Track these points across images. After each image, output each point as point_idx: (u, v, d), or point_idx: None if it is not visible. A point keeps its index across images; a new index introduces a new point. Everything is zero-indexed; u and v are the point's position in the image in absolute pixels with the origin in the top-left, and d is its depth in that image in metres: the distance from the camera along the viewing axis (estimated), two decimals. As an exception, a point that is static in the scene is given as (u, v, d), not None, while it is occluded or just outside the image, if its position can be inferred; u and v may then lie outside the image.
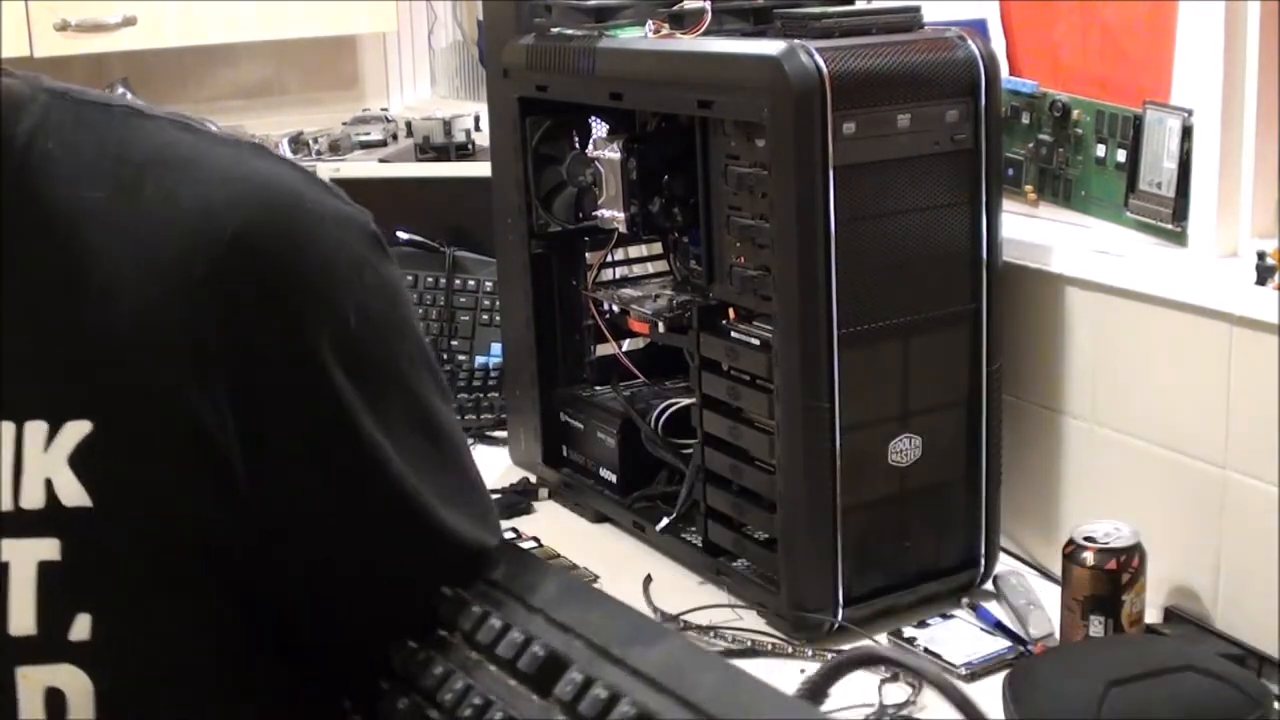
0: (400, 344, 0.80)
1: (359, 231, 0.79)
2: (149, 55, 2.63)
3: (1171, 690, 1.19)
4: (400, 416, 0.78)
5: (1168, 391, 1.43)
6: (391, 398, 0.78)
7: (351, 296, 0.76)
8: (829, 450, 1.40)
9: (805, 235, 1.36)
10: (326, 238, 0.76)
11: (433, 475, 0.79)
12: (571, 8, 1.69)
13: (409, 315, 0.82)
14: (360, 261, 0.78)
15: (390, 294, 0.80)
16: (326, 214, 0.77)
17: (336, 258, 0.76)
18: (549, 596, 0.71)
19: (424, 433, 0.80)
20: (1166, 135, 1.43)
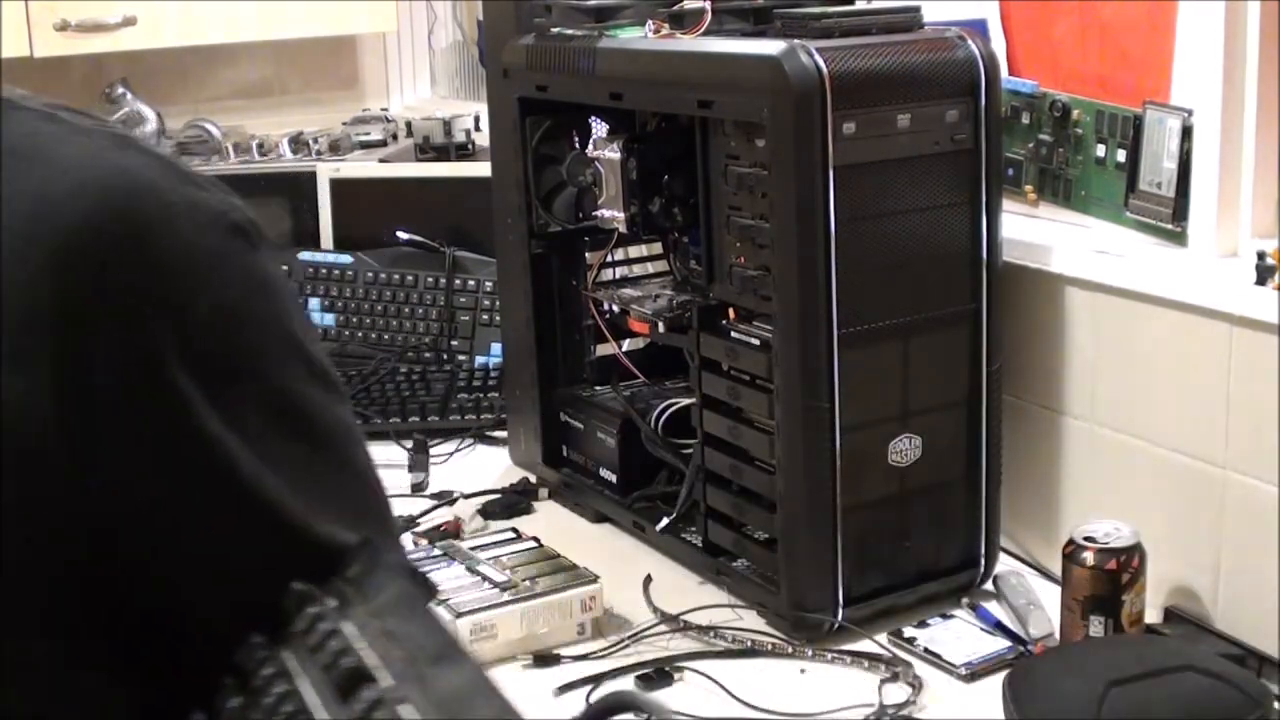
0: (263, 339, 0.77)
1: (217, 222, 0.76)
2: (149, 55, 2.63)
3: (1171, 690, 1.19)
4: (259, 413, 0.76)
5: (1168, 391, 1.43)
6: (248, 394, 0.76)
7: (201, 290, 0.74)
8: (829, 450, 1.40)
9: (805, 235, 1.36)
10: (174, 229, 0.74)
11: (295, 472, 0.77)
12: (571, 8, 1.69)
13: (279, 309, 0.79)
14: (214, 253, 0.75)
15: (253, 287, 0.77)
16: (178, 205, 0.75)
17: (184, 250, 0.74)
18: (386, 601, 0.71)
19: (290, 429, 0.78)
20: (1166, 135, 1.43)
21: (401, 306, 2.37)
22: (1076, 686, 1.20)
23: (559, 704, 1.37)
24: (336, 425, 0.81)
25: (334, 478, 0.80)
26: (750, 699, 1.35)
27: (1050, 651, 1.38)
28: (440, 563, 1.54)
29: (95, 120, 0.79)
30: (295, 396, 0.78)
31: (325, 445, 0.80)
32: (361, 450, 0.83)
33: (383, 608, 0.70)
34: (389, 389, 2.18)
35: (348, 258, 2.42)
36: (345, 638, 0.68)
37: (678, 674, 1.40)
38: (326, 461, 0.80)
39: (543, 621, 1.45)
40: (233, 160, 2.63)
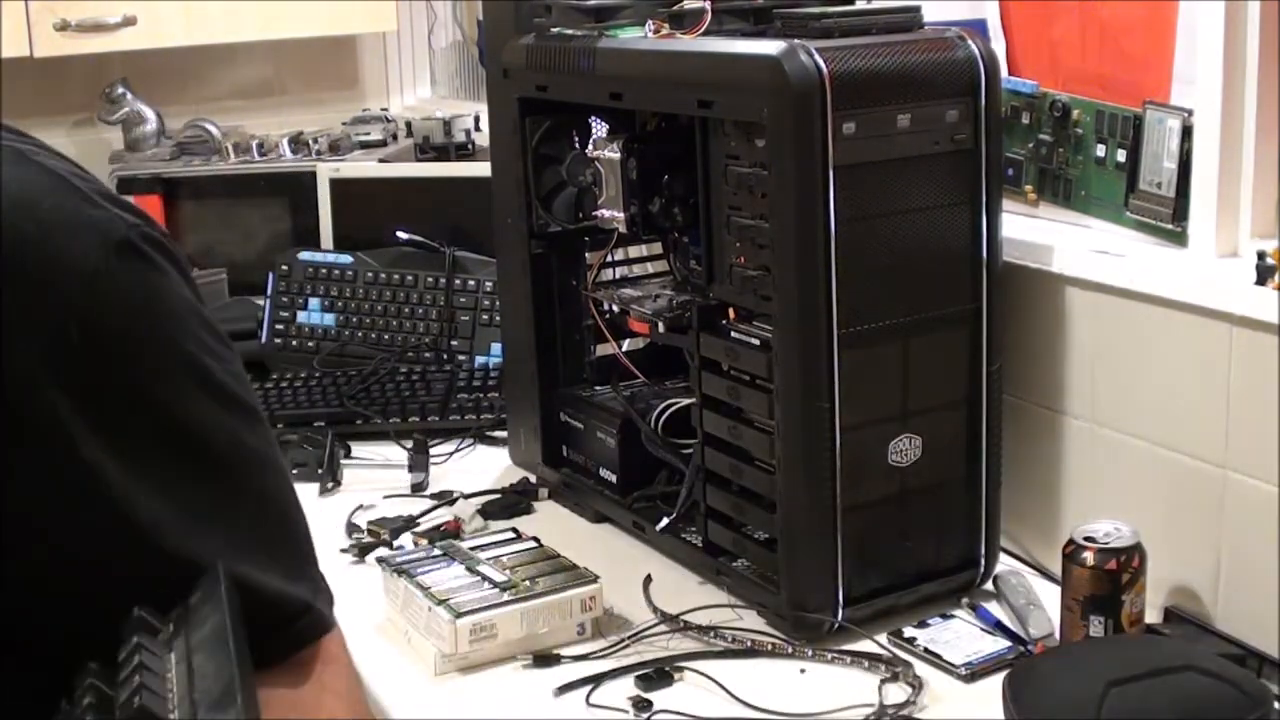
0: (144, 359, 0.76)
1: (99, 240, 0.74)
2: (149, 55, 2.63)
3: (1171, 690, 1.19)
4: (141, 435, 0.75)
5: (1168, 391, 1.43)
6: (129, 417, 0.74)
7: (74, 311, 0.72)
8: (829, 450, 1.40)
9: (805, 235, 1.36)
10: (50, 247, 0.72)
11: (176, 494, 0.76)
12: (571, 8, 1.69)
13: (173, 330, 0.77)
14: (92, 272, 0.73)
15: (134, 306, 0.75)
16: (60, 222, 0.74)
17: (59, 268, 0.72)
18: (203, 635, 0.70)
19: (177, 452, 0.76)
20: (1166, 135, 1.43)
21: (401, 306, 2.37)
22: (1076, 686, 1.20)
23: (559, 704, 1.37)
24: (235, 448, 0.80)
25: (223, 501, 0.79)
26: (750, 699, 1.35)
27: (1050, 651, 1.38)
28: (440, 563, 1.54)
29: (10, 134, 0.78)
30: (185, 420, 0.77)
31: (218, 468, 0.79)
32: (267, 473, 0.82)
33: (200, 641, 0.69)
34: (389, 389, 2.18)
35: (348, 258, 2.42)
36: (151, 673, 0.66)
37: (678, 674, 1.40)
38: (216, 484, 0.78)
39: (543, 621, 1.45)
40: (233, 160, 2.63)
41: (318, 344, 2.37)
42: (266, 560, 0.81)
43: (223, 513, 0.78)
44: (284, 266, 2.41)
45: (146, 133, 2.76)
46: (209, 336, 0.80)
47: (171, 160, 2.66)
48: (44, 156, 0.78)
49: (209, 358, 0.79)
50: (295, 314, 2.40)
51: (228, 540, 0.78)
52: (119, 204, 0.78)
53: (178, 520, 0.75)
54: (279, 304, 2.40)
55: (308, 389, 2.17)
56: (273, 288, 2.40)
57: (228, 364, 0.81)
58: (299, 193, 2.51)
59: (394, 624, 1.52)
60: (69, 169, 0.78)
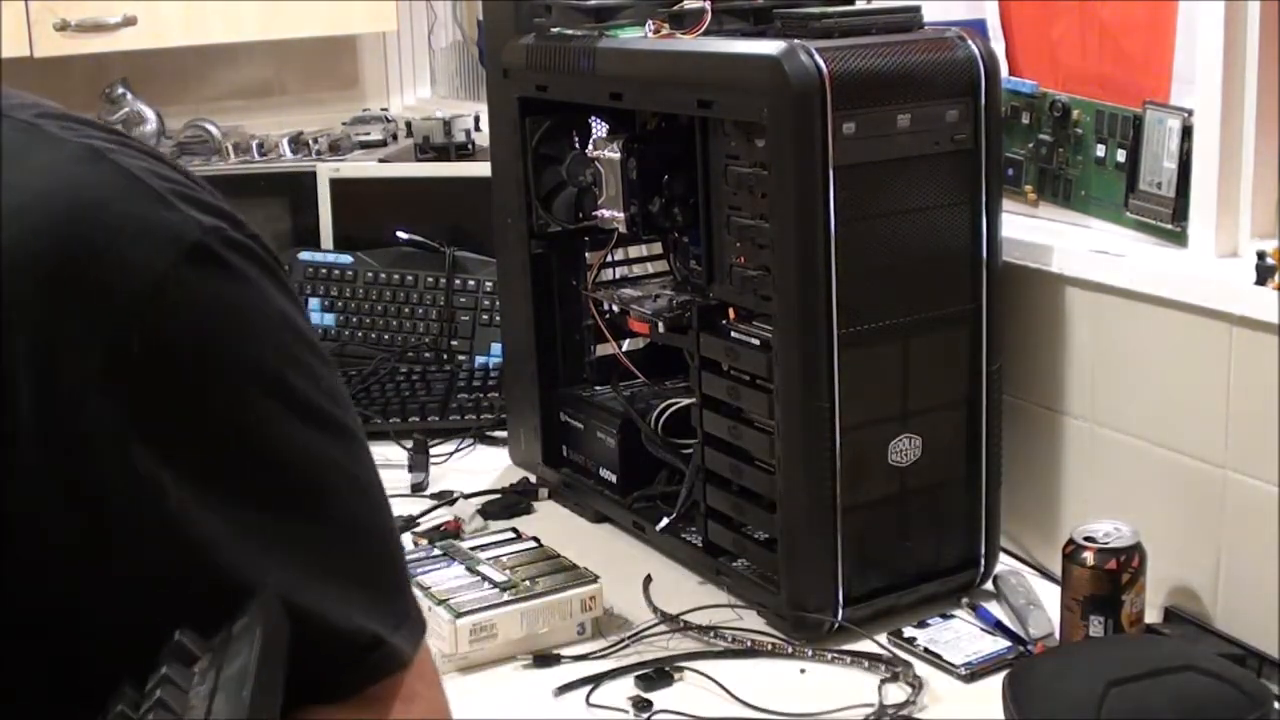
0: (212, 371, 0.71)
1: (169, 245, 0.70)
2: (149, 55, 2.63)
3: (1171, 690, 1.19)
4: (198, 445, 0.71)
5: (1168, 391, 1.43)
6: (188, 426, 0.70)
7: (135, 319, 0.68)
8: (829, 450, 1.40)
9: (805, 235, 1.36)
10: (114, 253, 0.68)
11: (238, 511, 0.72)
12: (571, 8, 1.69)
13: (240, 338, 0.72)
14: (158, 280, 0.69)
15: (205, 315, 0.70)
16: (127, 226, 0.69)
17: (120, 276, 0.68)
18: (231, 672, 0.66)
19: (240, 465, 0.72)
20: (1166, 135, 1.43)
21: (401, 306, 2.37)
22: (1076, 686, 1.20)
23: (559, 704, 1.37)
24: (316, 469, 0.75)
25: (293, 524, 0.74)
26: (750, 699, 1.35)
27: (1050, 651, 1.38)
28: (440, 563, 1.54)
29: (81, 129, 0.74)
30: (257, 436, 0.73)
31: (291, 488, 0.74)
32: (351, 497, 0.77)
33: (226, 679, 0.65)
34: (389, 389, 2.18)
35: (348, 258, 2.42)
36: (166, 711, 0.63)
37: (678, 674, 1.40)
38: (287, 505, 0.74)
39: (543, 621, 1.45)
40: (233, 160, 2.63)
41: (318, 344, 2.37)
42: (337, 590, 0.75)
43: (291, 536, 0.74)
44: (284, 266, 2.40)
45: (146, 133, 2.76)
46: (301, 349, 0.75)
47: (171, 160, 2.66)
48: (122, 154, 0.73)
49: (295, 371, 0.74)
50: (295, 314, 2.39)
51: (292, 565, 0.73)
52: (200, 204, 0.73)
53: (236, 539, 0.71)
54: (279, 304, 2.39)
55: (308, 389, 2.17)
56: (273, 288, 2.40)
57: (319, 379, 0.76)
58: (299, 193, 2.51)
59: (394, 624, 1.52)
60: (147, 166, 0.73)
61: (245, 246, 0.73)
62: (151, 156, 0.76)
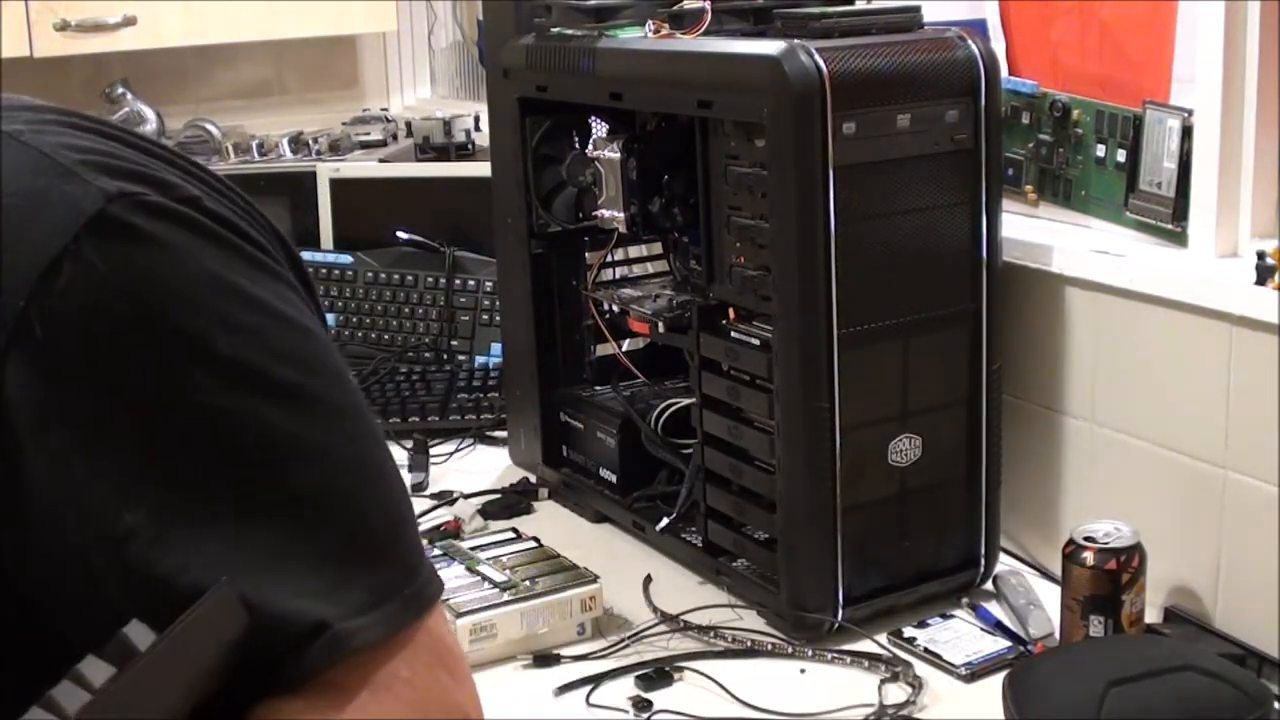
0: (124, 344, 0.67)
1: (67, 219, 0.66)
2: (149, 55, 2.63)
3: (1171, 690, 1.19)
4: (111, 425, 0.67)
5: (1168, 391, 1.43)
6: (101, 407, 0.67)
7: (35, 301, 0.65)
8: (829, 450, 1.40)
9: (805, 235, 1.36)
10: (8, 234, 0.66)
11: (158, 495, 0.68)
12: (571, 8, 1.69)
13: (154, 306, 0.68)
14: (55, 257, 0.66)
15: (111, 287, 0.67)
16: (19, 204, 0.67)
17: (14, 256, 0.66)
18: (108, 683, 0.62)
19: (160, 443, 0.68)
20: (1166, 135, 1.43)
21: (401, 306, 2.37)
22: (1076, 686, 1.20)
23: (559, 704, 1.37)
24: (253, 437, 0.69)
25: (226, 503, 0.69)
26: (750, 699, 1.35)
27: (1050, 651, 1.38)
28: (440, 563, 1.54)
29: (10, 118, 0.72)
30: (180, 411, 0.68)
31: (220, 463, 0.69)
32: (307, 466, 0.71)
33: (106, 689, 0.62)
34: (389, 389, 2.18)
35: (348, 258, 2.42)
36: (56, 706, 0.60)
37: (678, 674, 1.40)
38: (216, 483, 0.69)
39: (543, 621, 1.45)
40: (233, 160, 2.63)
41: (318, 344, 2.37)
42: (278, 572, 0.69)
43: (223, 516, 0.69)
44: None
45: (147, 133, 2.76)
46: (241, 311, 0.70)
47: (171, 160, 2.65)
48: (42, 132, 0.71)
49: (229, 336, 0.69)
50: (295, 314, 2.39)
51: (227, 549, 0.68)
52: (118, 171, 0.69)
53: (163, 526, 0.67)
54: (279, 304, 2.39)
55: (308, 389, 2.17)
56: (273, 288, 2.40)
57: (267, 341, 0.70)
58: (299, 193, 2.51)
59: (394, 624, 1.52)
60: (66, 141, 0.70)
61: (168, 210, 0.69)
62: (87, 130, 0.73)
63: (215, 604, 0.66)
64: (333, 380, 0.74)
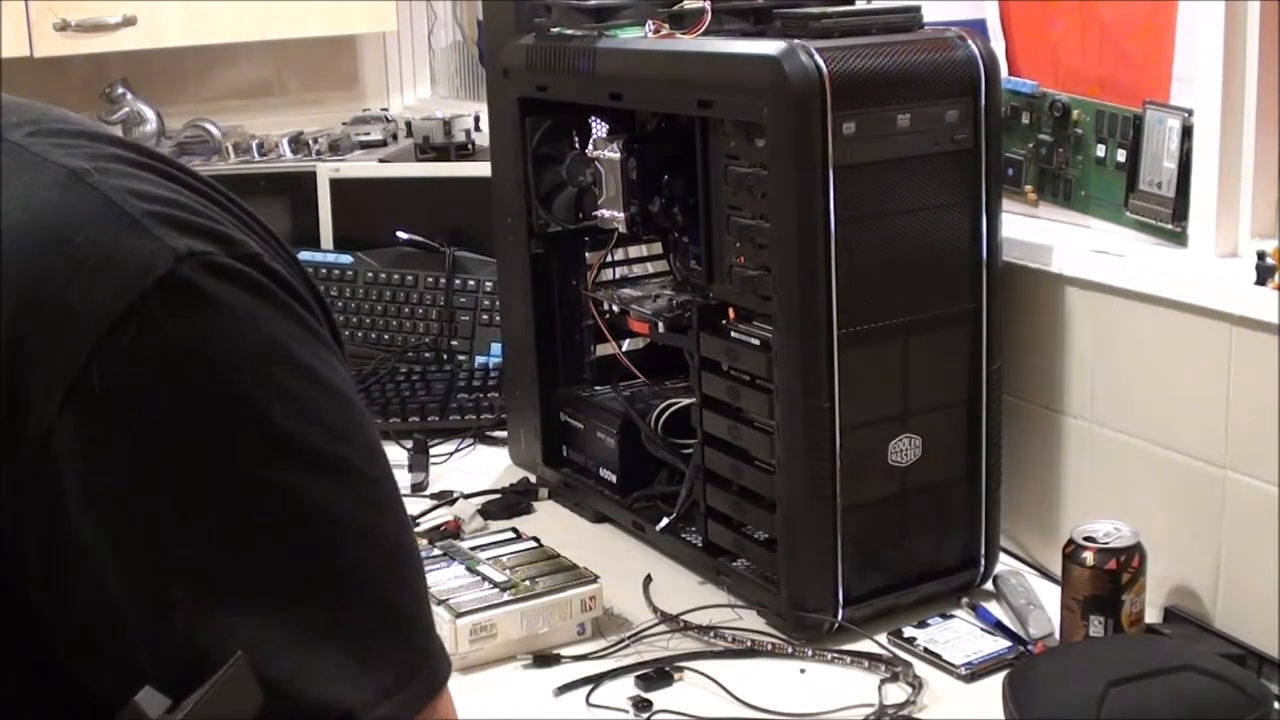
0: (185, 415, 0.66)
1: (135, 277, 0.66)
2: (149, 55, 2.63)
3: (1171, 690, 1.19)
4: (166, 497, 0.66)
5: (1168, 391, 1.43)
6: (155, 474, 0.66)
7: (96, 356, 0.64)
8: (829, 450, 1.40)
9: (805, 235, 1.36)
10: (77, 286, 0.65)
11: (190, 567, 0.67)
12: (571, 8, 1.69)
13: (213, 373, 0.67)
14: (123, 315, 0.65)
15: (173, 350, 0.66)
16: (92, 257, 0.66)
17: (82, 309, 0.65)
18: None
19: (198, 512, 0.67)
20: (1166, 135, 1.43)
21: (401, 306, 2.37)
22: (1076, 686, 1.20)
23: (559, 704, 1.37)
24: (296, 513, 0.69)
25: (260, 577, 0.68)
26: (750, 699, 1.35)
27: (1050, 651, 1.38)
28: (440, 563, 1.54)
29: (72, 146, 0.71)
30: (225, 482, 0.68)
31: (266, 537, 0.68)
32: (340, 543, 0.71)
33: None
34: (389, 389, 2.18)
35: (348, 258, 2.42)
36: None
37: (678, 674, 1.40)
38: (262, 557, 0.68)
39: (543, 621, 1.45)
40: (233, 160, 2.63)
41: (318, 344, 2.37)
42: (310, 654, 0.68)
43: (259, 593, 0.68)
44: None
45: (146, 133, 2.76)
46: (294, 380, 0.70)
47: (171, 160, 2.66)
48: (107, 174, 0.69)
49: (281, 407, 0.69)
50: (295, 314, 2.40)
51: (260, 626, 0.67)
52: (184, 226, 0.68)
53: (194, 598, 0.66)
54: (279, 304, 2.39)
55: (308, 389, 2.17)
56: (273, 288, 2.40)
57: (317, 413, 0.70)
58: (299, 193, 2.51)
59: (394, 624, 1.52)
60: (132, 186, 0.69)
61: (233, 271, 0.69)
62: (148, 169, 0.72)
63: (232, 679, 0.65)
64: (370, 454, 0.74)
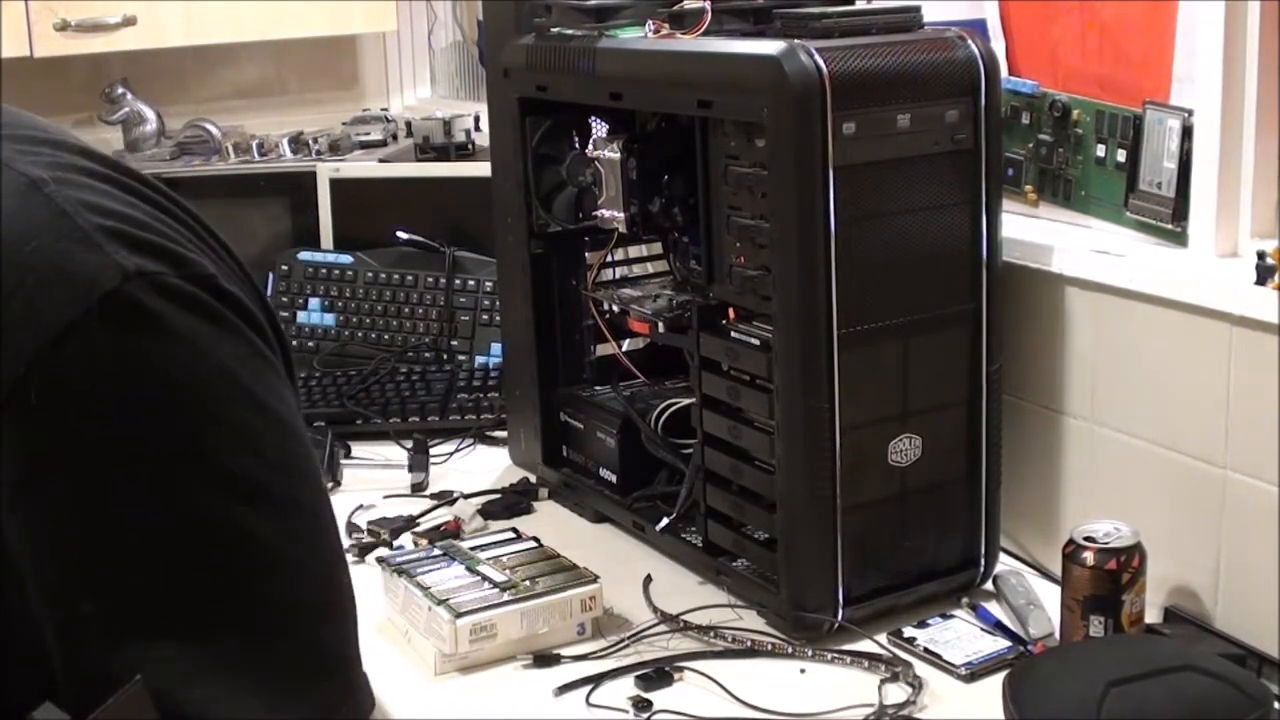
0: (116, 437, 0.65)
1: (80, 292, 0.65)
2: (149, 55, 2.63)
3: (1171, 690, 1.19)
4: (93, 518, 0.65)
5: (1168, 391, 1.43)
6: (81, 493, 0.65)
7: (36, 369, 0.64)
8: (829, 450, 1.40)
9: (805, 235, 1.36)
10: (23, 294, 0.64)
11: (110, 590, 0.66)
12: (571, 8, 1.69)
13: (149, 397, 0.66)
14: (64, 329, 0.64)
15: (115, 373, 0.65)
16: (39, 267, 0.65)
17: (26, 320, 0.64)
18: None
19: (140, 544, 0.66)
20: (1166, 135, 1.43)
21: (401, 306, 2.37)
22: (1076, 686, 1.20)
23: (559, 704, 1.37)
24: (225, 544, 0.68)
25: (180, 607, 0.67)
26: (750, 699, 1.35)
27: (1050, 651, 1.38)
28: (440, 563, 1.54)
29: (36, 153, 0.70)
30: (153, 508, 0.67)
31: (184, 564, 0.67)
32: (272, 574, 0.70)
33: None
34: (389, 389, 2.18)
35: (348, 258, 2.42)
36: None
37: (678, 674, 1.40)
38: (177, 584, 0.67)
39: (543, 621, 1.45)
40: (233, 160, 2.62)
41: (318, 344, 2.37)
42: (229, 684, 0.67)
43: (177, 623, 0.67)
44: (284, 266, 2.41)
45: (146, 133, 2.76)
46: (241, 410, 0.69)
47: (172, 160, 2.66)
48: (65, 185, 0.69)
49: (222, 435, 0.68)
50: (295, 314, 2.40)
51: (174, 656, 0.66)
52: (137, 244, 0.67)
53: (114, 623, 0.65)
54: (279, 304, 2.40)
55: (308, 389, 2.18)
56: (273, 288, 2.41)
57: (260, 446, 0.69)
58: (299, 193, 2.51)
59: (394, 624, 1.52)
60: (88, 200, 0.69)
61: (182, 293, 0.67)
62: (109, 181, 0.71)
63: (127, 703, 0.64)
64: (310, 486, 0.74)
